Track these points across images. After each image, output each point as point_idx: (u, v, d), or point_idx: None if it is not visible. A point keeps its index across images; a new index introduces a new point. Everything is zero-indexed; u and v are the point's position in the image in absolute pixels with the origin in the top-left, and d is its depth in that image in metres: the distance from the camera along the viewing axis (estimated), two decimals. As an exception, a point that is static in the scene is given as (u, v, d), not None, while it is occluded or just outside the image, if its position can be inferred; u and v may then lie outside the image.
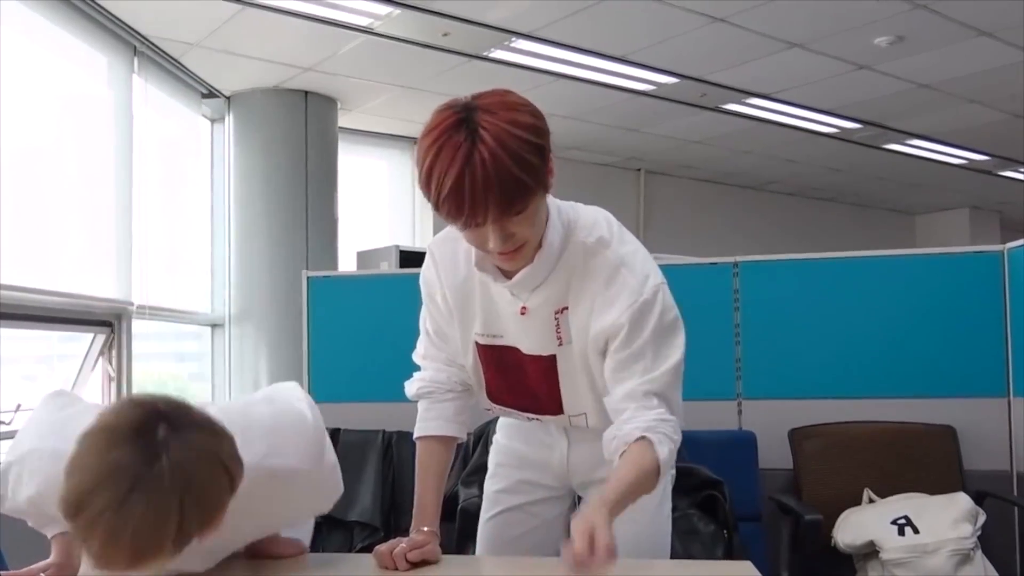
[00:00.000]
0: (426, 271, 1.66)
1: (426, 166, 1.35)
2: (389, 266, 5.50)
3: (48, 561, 1.41)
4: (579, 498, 1.74)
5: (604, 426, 1.53)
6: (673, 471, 1.73)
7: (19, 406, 3.45)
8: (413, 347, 1.78)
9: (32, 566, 1.39)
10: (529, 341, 1.57)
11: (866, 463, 2.98)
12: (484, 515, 1.77)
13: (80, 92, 4.37)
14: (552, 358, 1.56)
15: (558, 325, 1.54)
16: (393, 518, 3.11)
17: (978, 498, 2.78)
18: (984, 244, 3.17)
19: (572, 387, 1.57)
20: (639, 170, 8.37)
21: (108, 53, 4.54)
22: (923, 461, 2.96)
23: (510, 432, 1.78)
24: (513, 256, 1.45)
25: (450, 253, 1.60)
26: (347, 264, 6.05)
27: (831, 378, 3.12)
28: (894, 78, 5.81)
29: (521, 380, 1.61)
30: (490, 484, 1.79)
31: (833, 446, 3.02)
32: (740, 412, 3.15)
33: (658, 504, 1.67)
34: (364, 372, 3.43)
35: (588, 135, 6.93)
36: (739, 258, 3.21)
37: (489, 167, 1.30)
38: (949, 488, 2.84)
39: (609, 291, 1.49)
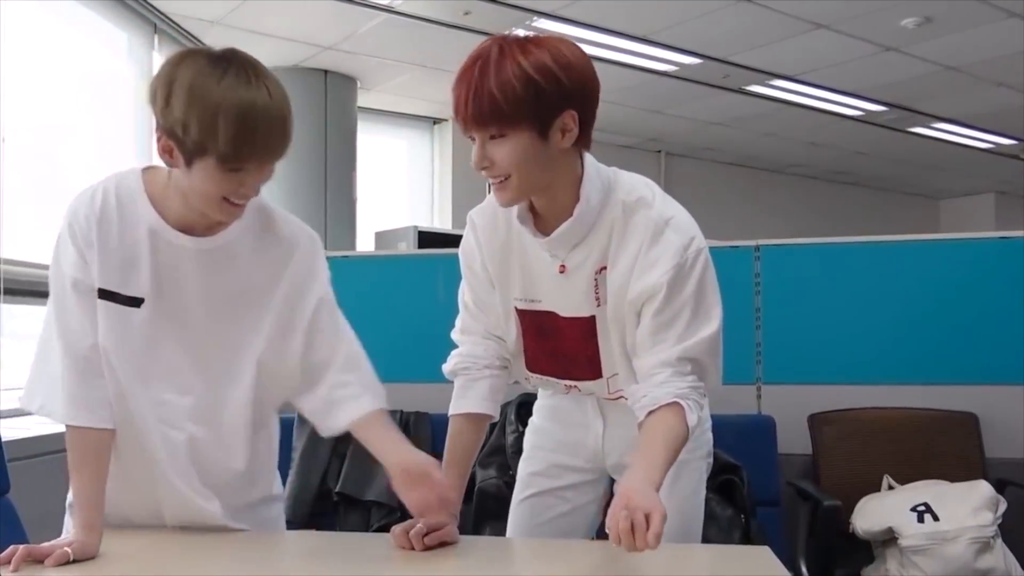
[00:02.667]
0: (465, 242, 1.66)
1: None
2: (407, 247, 5.49)
3: (70, 537, 1.40)
4: (612, 481, 1.72)
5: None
6: (710, 459, 1.72)
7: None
8: (431, 328, 1.77)
9: (54, 540, 1.39)
10: (568, 303, 1.56)
11: (886, 449, 2.95)
12: (516, 497, 1.77)
13: (100, 69, 4.38)
14: (591, 319, 1.55)
15: (596, 285, 1.53)
16: (410, 498, 3.11)
17: (999, 486, 2.75)
18: (1010, 230, 3.13)
19: (608, 348, 1.56)
20: (660, 152, 8.32)
21: (128, 30, 4.54)
22: (944, 448, 2.93)
23: (546, 413, 1.78)
24: (499, 189, 1.47)
25: (490, 219, 1.60)
26: (365, 244, 6.06)
27: (852, 363, 3.09)
28: (921, 60, 5.73)
29: (559, 345, 1.60)
30: (524, 466, 1.78)
31: (853, 432, 2.99)
32: (759, 396, 3.12)
33: (693, 491, 1.67)
34: (381, 353, 3.37)
35: (609, 116, 6.89)
36: (761, 241, 3.18)
37: (475, 80, 1.38)
38: (970, 476, 2.80)
39: (652, 251, 1.48)
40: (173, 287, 1.46)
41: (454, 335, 1.70)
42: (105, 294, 1.44)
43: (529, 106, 1.38)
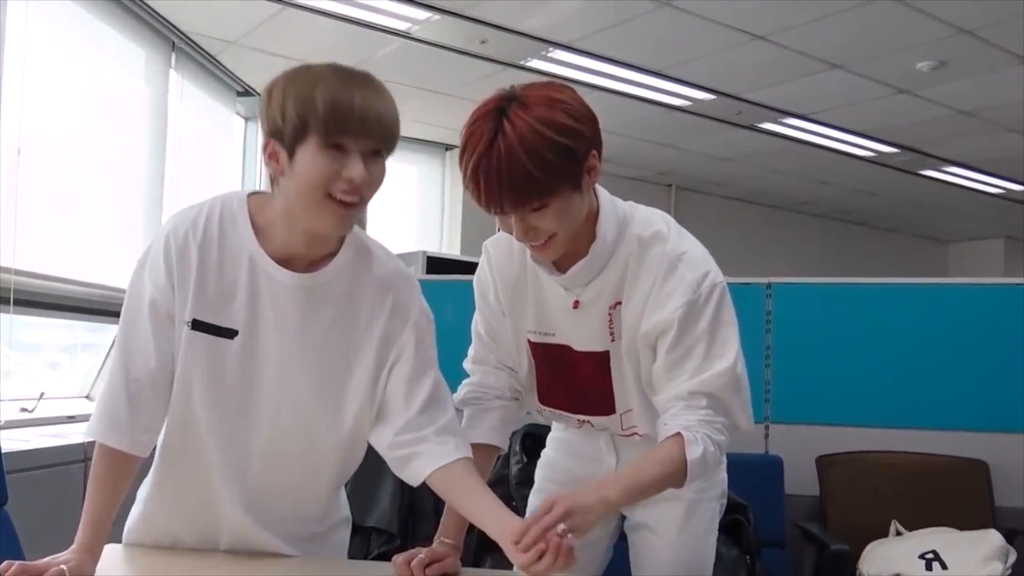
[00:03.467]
0: (479, 271, 1.64)
1: (460, 147, 1.40)
2: (416, 272, 5.47)
3: (68, 554, 1.37)
4: (623, 518, 1.69)
5: (648, 426, 1.52)
6: (724, 500, 1.68)
7: (42, 394, 3.46)
8: (440, 355, 1.74)
9: (50, 557, 1.35)
10: (582, 337, 1.54)
11: (894, 494, 2.92)
12: None
13: (117, 85, 4.40)
14: (605, 354, 1.53)
15: (611, 320, 1.51)
16: (411, 524, 3.08)
17: (1009, 536, 2.71)
18: (1018, 275, 3.11)
19: (622, 384, 1.54)
20: (670, 185, 8.32)
21: (146, 48, 4.56)
22: (953, 495, 2.90)
23: (558, 445, 1.76)
24: (543, 249, 1.45)
25: (506, 250, 1.59)
26: (374, 268, 6.04)
27: (861, 405, 3.06)
28: (934, 103, 5.74)
29: (573, 379, 1.58)
30: (534, 499, 1.75)
31: (861, 475, 2.96)
32: (767, 436, 3.09)
33: (704, 531, 1.64)
34: (387, 377, 3.40)
35: (620, 149, 6.90)
36: (772, 279, 3.16)
37: (504, 162, 1.33)
38: (979, 524, 2.77)
39: (665, 286, 1.46)
40: (268, 322, 1.41)
41: (466, 364, 1.68)
42: (199, 325, 1.39)
43: (565, 169, 1.37)
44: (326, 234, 1.39)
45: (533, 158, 1.33)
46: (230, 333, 1.40)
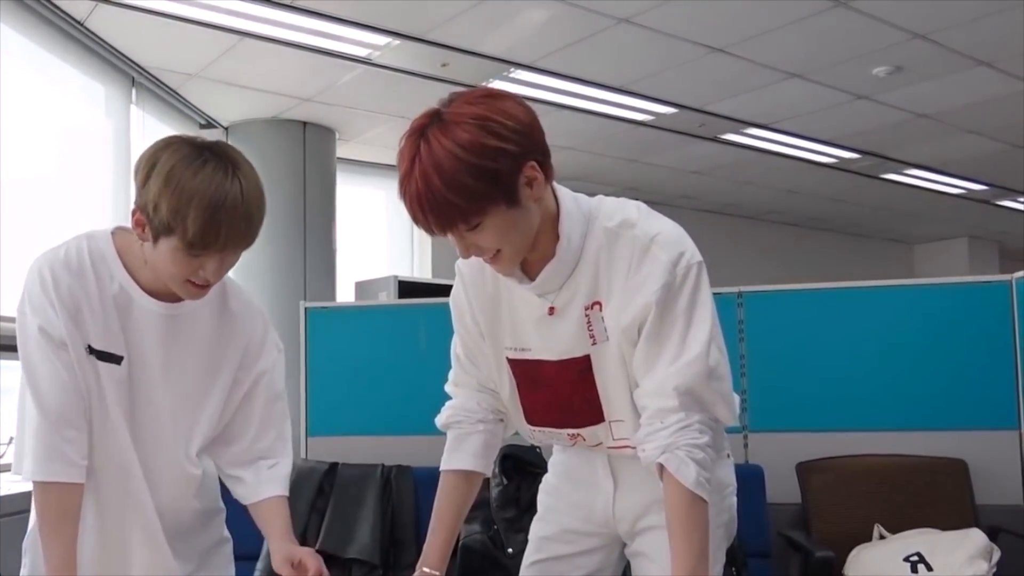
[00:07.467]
0: (455, 293, 1.60)
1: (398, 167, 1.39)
2: (388, 296, 5.45)
3: None
4: (625, 545, 1.62)
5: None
6: (733, 527, 1.61)
7: (12, 439, 3.38)
8: (413, 379, 1.73)
9: None
10: (559, 345, 1.48)
11: (876, 497, 2.93)
12: (527, 559, 1.68)
13: (78, 122, 4.35)
14: (586, 359, 1.47)
15: (589, 322, 1.45)
16: (392, 555, 3.04)
17: (991, 533, 2.72)
18: (983, 274, 3.16)
19: (608, 390, 1.48)
20: (638, 200, 8.37)
21: (106, 83, 4.53)
22: (934, 495, 2.91)
23: (558, 470, 1.70)
24: (494, 262, 1.42)
25: (477, 270, 1.54)
26: (345, 295, 6.01)
27: (839, 410, 3.07)
28: (893, 108, 5.82)
29: (553, 394, 1.53)
30: (536, 527, 1.69)
31: (841, 479, 2.97)
32: (746, 445, 3.10)
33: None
34: (363, 405, 3.38)
35: (586, 165, 6.93)
36: (743, 288, 3.18)
37: (421, 189, 1.31)
38: (961, 523, 2.78)
39: (640, 271, 1.40)
40: (142, 348, 1.51)
41: (448, 387, 1.65)
42: (93, 351, 1.48)
43: (488, 190, 1.31)
44: None
45: (449, 184, 1.29)
46: (117, 359, 1.50)
